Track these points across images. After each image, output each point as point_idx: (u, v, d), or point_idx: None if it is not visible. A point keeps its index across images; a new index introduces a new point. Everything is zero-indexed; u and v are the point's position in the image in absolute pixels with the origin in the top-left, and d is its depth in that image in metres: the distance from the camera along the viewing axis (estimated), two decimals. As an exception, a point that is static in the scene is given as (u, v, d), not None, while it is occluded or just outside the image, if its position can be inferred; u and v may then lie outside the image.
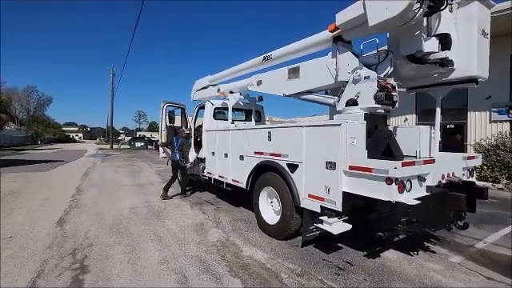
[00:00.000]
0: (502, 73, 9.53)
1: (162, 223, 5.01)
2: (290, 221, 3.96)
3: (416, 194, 2.96)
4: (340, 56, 4.36)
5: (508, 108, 9.32)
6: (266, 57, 6.04)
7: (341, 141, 3.18)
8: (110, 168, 13.55)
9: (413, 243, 4.02)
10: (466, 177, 3.88)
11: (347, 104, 4.21)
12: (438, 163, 3.31)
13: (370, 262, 3.52)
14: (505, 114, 9.41)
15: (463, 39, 3.66)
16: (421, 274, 3.21)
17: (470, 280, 3.09)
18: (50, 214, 5.53)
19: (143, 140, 34.68)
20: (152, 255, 3.67)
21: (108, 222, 5.03)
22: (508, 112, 9.32)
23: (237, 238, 4.33)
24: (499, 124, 9.57)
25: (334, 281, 3.04)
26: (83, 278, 3.08)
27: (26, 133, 45.60)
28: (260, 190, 4.64)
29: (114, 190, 8.07)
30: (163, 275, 3.15)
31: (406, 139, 4.53)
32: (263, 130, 4.57)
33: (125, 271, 3.23)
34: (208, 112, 7.29)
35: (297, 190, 3.81)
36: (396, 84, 4.12)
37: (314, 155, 3.54)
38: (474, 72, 3.66)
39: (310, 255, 3.69)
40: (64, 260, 3.51)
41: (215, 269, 3.31)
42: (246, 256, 3.67)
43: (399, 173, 2.67)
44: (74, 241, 4.15)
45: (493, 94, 9.72)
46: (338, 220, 3.30)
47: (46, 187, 8.30)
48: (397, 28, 3.82)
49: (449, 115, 11.20)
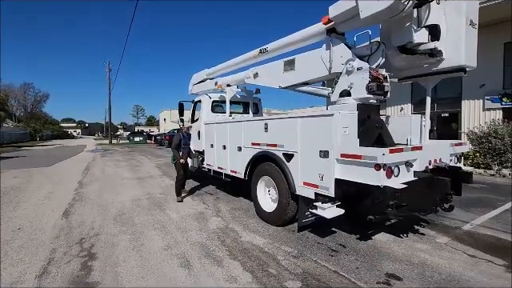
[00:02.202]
0: (496, 61, 9.68)
1: (163, 213, 5.20)
2: (286, 208, 4.15)
3: (404, 179, 3.14)
4: (334, 48, 4.46)
5: (501, 96, 9.49)
6: (262, 49, 6.13)
7: (333, 130, 3.34)
8: (110, 162, 13.69)
9: (403, 227, 4.23)
10: (454, 162, 4.06)
11: (341, 95, 4.34)
12: (425, 150, 3.48)
13: (361, 244, 3.72)
14: (498, 102, 9.59)
15: (452, 30, 3.78)
16: (408, 253, 3.42)
17: (454, 258, 3.30)
18: (54, 206, 5.71)
19: (142, 134, 34.72)
20: (156, 242, 3.86)
21: (112, 213, 5.21)
22: (501, 100, 9.49)
23: (236, 225, 4.53)
24: (492, 112, 9.75)
25: (327, 261, 3.25)
26: (91, 264, 3.27)
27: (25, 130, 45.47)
28: (258, 179, 4.82)
29: (115, 183, 8.24)
30: (167, 260, 3.34)
31: (398, 128, 4.70)
32: (260, 122, 4.71)
33: (131, 257, 3.43)
34: (206, 105, 7.41)
35: (292, 178, 3.99)
36: (388, 74, 4.25)
37: (309, 145, 3.71)
38: (462, 61, 3.80)
39: (306, 239, 3.90)
40: (72, 248, 3.70)
41: (216, 253, 3.51)
42: (245, 241, 3.87)
43: (387, 159, 2.84)
44: (80, 231, 4.33)
45: (487, 82, 9.88)
46: (331, 205, 3.48)
47: (49, 182, 8.46)
48: (388, 20, 3.94)
49: (444, 104, 11.39)
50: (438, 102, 11.54)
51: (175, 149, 6.15)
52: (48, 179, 8.97)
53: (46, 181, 8.68)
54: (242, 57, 6.79)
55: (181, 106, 7.97)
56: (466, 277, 2.89)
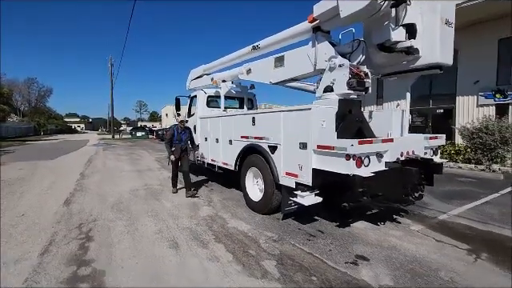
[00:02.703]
0: (490, 57, 9.77)
1: (159, 202, 5.51)
2: (271, 197, 4.42)
3: (374, 169, 3.38)
4: (318, 45, 4.67)
5: (494, 92, 9.60)
6: (254, 46, 6.34)
7: (311, 123, 3.58)
8: (111, 156, 14.05)
9: (383, 216, 4.49)
10: (430, 155, 4.28)
11: (325, 90, 4.57)
12: (397, 142, 3.71)
13: (339, 230, 3.99)
14: (491, 98, 9.70)
15: (427, 29, 3.97)
16: (381, 238, 3.68)
17: (422, 243, 3.55)
18: (56, 196, 6.04)
19: (144, 130, 35.17)
20: (148, 227, 4.16)
21: (110, 202, 5.53)
22: (494, 96, 9.61)
23: (225, 213, 4.81)
24: (486, 108, 9.87)
25: (304, 244, 3.52)
26: (88, 244, 3.58)
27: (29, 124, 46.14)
28: (246, 170, 5.09)
29: (115, 175, 8.57)
30: (157, 242, 3.64)
31: (380, 122, 4.90)
32: (248, 116, 4.96)
33: (124, 240, 3.73)
34: (201, 100, 7.66)
35: (276, 168, 4.25)
36: (369, 71, 4.47)
37: (290, 137, 3.95)
38: (437, 59, 3.99)
39: (288, 226, 4.17)
40: (71, 232, 4.01)
41: (203, 237, 3.80)
42: (231, 227, 4.16)
43: (355, 150, 3.09)
44: (79, 217, 4.65)
45: (481, 78, 9.99)
46: (309, 194, 3.74)
47: (52, 174, 8.81)
48: (367, 19, 4.15)
49: (439, 100, 11.52)
50: (434, 98, 11.66)
51: (167, 143, 5.96)
52: (51, 171, 9.32)
53: (50, 173, 9.04)
54: (236, 53, 7.01)
55: (177, 100, 8.23)
56: (429, 259, 3.14)
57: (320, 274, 2.85)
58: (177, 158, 5.93)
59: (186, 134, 6.06)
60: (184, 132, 6.02)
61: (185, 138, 6.01)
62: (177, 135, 5.91)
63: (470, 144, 9.00)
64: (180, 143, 5.94)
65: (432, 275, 2.80)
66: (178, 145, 5.91)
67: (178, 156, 5.92)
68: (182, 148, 5.96)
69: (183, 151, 6.01)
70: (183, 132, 6.01)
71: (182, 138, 5.97)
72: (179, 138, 5.94)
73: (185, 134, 6.03)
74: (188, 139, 6.12)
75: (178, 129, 5.96)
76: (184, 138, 6.00)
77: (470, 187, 6.58)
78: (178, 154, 5.91)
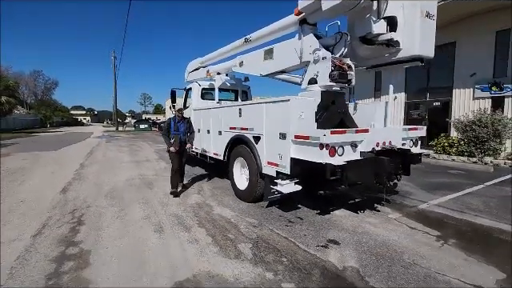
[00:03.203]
0: (488, 49, 9.68)
1: (151, 191, 5.73)
2: (255, 185, 4.59)
3: (349, 158, 3.51)
4: (304, 38, 4.77)
5: (491, 85, 9.54)
6: (246, 38, 6.44)
7: (290, 115, 3.72)
8: (113, 148, 14.35)
9: (364, 205, 4.64)
10: (409, 146, 4.39)
11: (309, 82, 4.68)
12: (372, 132, 3.83)
13: (318, 217, 4.15)
14: (487, 91, 9.65)
15: (408, 21, 4.03)
16: (356, 225, 3.84)
17: (395, 229, 3.70)
18: (55, 184, 6.30)
19: (147, 122, 35.58)
20: (137, 213, 4.38)
21: (105, 191, 5.76)
22: (490, 89, 9.55)
23: (212, 201, 5.01)
24: (482, 101, 9.83)
25: (281, 230, 3.70)
26: (79, 228, 3.81)
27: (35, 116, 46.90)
28: (234, 160, 5.25)
29: (114, 165, 8.83)
30: (144, 226, 3.85)
31: (364, 114, 5.02)
32: (235, 108, 5.10)
33: (113, 224, 3.95)
34: (195, 92, 7.79)
35: (260, 158, 4.40)
36: (352, 64, 4.55)
37: (272, 128, 4.10)
38: (416, 51, 4.06)
39: (270, 213, 4.35)
40: (65, 217, 4.25)
41: (187, 222, 4.00)
42: (216, 214, 4.35)
43: (328, 139, 3.22)
44: (74, 203, 4.89)
45: (478, 70, 9.92)
46: (289, 182, 3.90)
47: (54, 164, 9.11)
48: (350, 11, 4.21)
49: (436, 93, 11.48)
50: (431, 91, 11.62)
51: (165, 135, 5.51)
52: (53, 161, 9.63)
53: (51, 163, 9.34)
54: (230, 46, 7.11)
55: (173, 93, 8.38)
56: (398, 243, 3.30)
57: (290, 255, 3.03)
58: (177, 149, 5.36)
59: (184, 125, 5.54)
60: (182, 122, 5.53)
61: (183, 128, 5.51)
62: (174, 125, 5.45)
63: (463, 137, 9.02)
64: (178, 133, 5.45)
65: (395, 258, 2.96)
66: (177, 135, 5.42)
67: (178, 147, 5.36)
68: (182, 139, 5.47)
69: (182, 143, 5.47)
70: (181, 122, 5.52)
71: (179, 128, 5.47)
72: (176, 128, 5.45)
73: (183, 124, 5.52)
74: (186, 130, 5.58)
75: (176, 118, 5.52)
76: (182, 128, 5.50)
77: (458, 179, 6.67)
78: (177, 145, 5.36)
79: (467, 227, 3.82)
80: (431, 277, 2.62)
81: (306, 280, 2.58)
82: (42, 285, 2.51)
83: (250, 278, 2.62)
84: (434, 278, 2.59)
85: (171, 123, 5.49)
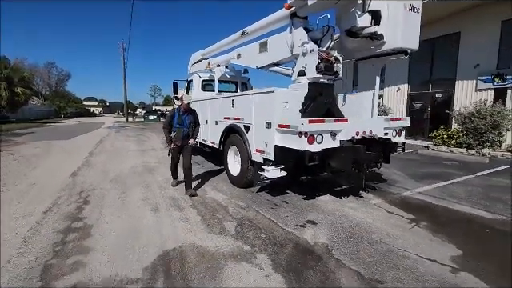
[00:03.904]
0: (492, 40, 9.54)
1: (152, 176, 6.13)
2: (246, 171, 4.90)
3: (328, 146, 3.76)
4: (294, 31, 4.95)
5: (494, 76, 9.44)
6: (243, 31, 6.65)
7: (275, 105, 3.98)
8: (121, 137, 14.92)
9: (349, 192, 4.88)
10: (392, 136, 4.58)
11: (298, 74, 4.89)
12: (352, 122, 4.05)
13: (303, 202, 4.44)
14: (490, 83, 9.56)
15: (391, 15, 4.17)
16: (337, 208, 4.11)
17: (372, 213, 3.96)
18: (65, 170, 6.79)
19: (156, 113, 36.29)
20: (137, 195, 4.78)
21: (110, 176, 6.20)
22: (493, 80, 9.45)
23: (207, 186, 5.37)
24: (484, 92, 9.74)
25: (266, 212, 4.01)
26: (84, 206, 4.23)
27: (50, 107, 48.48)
28: (228, 148, 5.57)
29: (121, 154, 9.31)
30: (141, 206, 4.24)
31: (352, 105, 5.21)
32: (229, 99, 5.38)
33: (114, 203, 4.36)
34: (196, 84, 8.10)
35: (249, 146, 4.70)
36: (340, 56, 4.73)
37: (259, 117, 4.37)
38: (399, 44, 4.22)
39: (259, 197, 4.66)
40: (72, 197, 4.69)
41: (181, 204, 4.37)
42: (209, 197, 4.70)
43: (306, 128, 3.48)
44: (81, 186, 5.33)
45: (481, 62, 9.80)
46: (274, 168, 4.19)
47: (64, 152, 9.67)
48: (336, 5, 4.39)
49: (439, 85, 11.40)
50: (434, 83, 11.53)
51: (166, 128, 4.89)
52: (64, 150, 10.20)
53: (62, 151, 9.91)
54: (229, 38, 7.34)
55: (175, 84, 8.71)
56: (371, 225, 3.56)
57: (269, 232, 3.35)
58: (178, 145, 4.89)
59: (190, 117, 4.88)
60: (187, 114, 4.86)
61: (188, 121, 4.83)
62: (177, 118, 4.81)
63: (462, 128, 9.04)
64: (182, 127, 4.82)
65: (365, 236, 3.23)
66: (180, 129, 4.81)
67: (179, 143, 4.86)
68: (185, 134, 4.83)
69: (185, 138, 4.87)
70: (186, 114, 4.84)
71: (184, 121, 4.81)
72: (180, 120, 4.81)
73: (188, 116, 4.86)
74: (192, 124, 4.90)
75: (180, 110, 4.83)
76: (187, 121, 4.83)
77: (450, 169, 6.80)
78: (179, 141, 4.85)
79: (442, 212, 4.03)
80: (392, 252, 2.89)
81: (279, 252, 2.89)
82: (49, 251, 2.91)
83: (229, 248, 2.95)
84: (394, 253, 2.86)
85: (174, 115, 4.85)
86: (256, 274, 2.51)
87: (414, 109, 12.19)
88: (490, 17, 9.52)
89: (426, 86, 11.71)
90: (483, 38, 9.75)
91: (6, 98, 25.91)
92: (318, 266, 2.64)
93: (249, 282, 2.39)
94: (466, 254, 2.86)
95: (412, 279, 2.43)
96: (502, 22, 9.27)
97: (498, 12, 9.33)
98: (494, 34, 9.48)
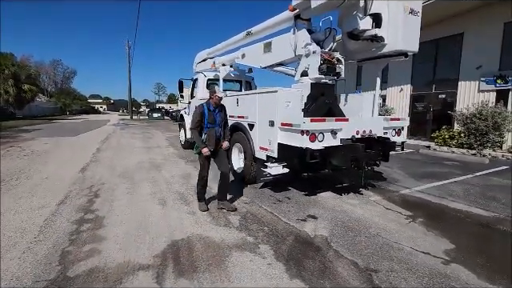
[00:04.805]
0: (494, 41, 9.59)
1: (158, 172, 6.33)
2: (249, 168, 5.08)
3: (329, 144, 3.92)
4: (298, 33, 5.12)
5: (496, 77, 9.50)
6: (248, 32, 6.82)
7: (278, 104, 4.14)
8: (127, 135, 15.18)
9: (350, 189, 5.03)
10: (391, 135, 4.72)
11: (302, 75, 5.06)
12: (352, 121, 4.20)
13: (304, 198, 4.60)
14: (492, 84, 9.61)
15: (392, 18, 4.31)
16: (337, 204, 4.27)
17: (371, 209, 4.11)
18: (74, 165, 7.02)
19: (160, 111, 36.66)
20: (145, 190, 4.98)
21: (118, 171, 6.42)
22: (495, 81, 9.51)
23: (212, 182, 5.48)
24: (486, 93, 9.81)
25: (269, 206, 4.18)
26: (95, 200, 4.44)
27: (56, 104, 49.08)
28: (233, 146, 5.74)
29: (127, 150, 9.53)
30: (150, 200, 4.44)
31: (354, 105, 5.36)
32: (234, 98, 5.55)
33: (124, 197, 4.56)
34: (201, 83, 8.29)
35: (253, 143, 4.87)
36: (342, 57, 4.88)
37: (263, 116, 4.54)
38: (399, 46, 4.36)
39: (262, 193, 4.84)
40: (83, 191, 4.90)
41: (188, 198, 4.56)
42: (214, 192, 4.85)
43: (307, 126, 3.64)
44: (91, 181, 5.55)
45: (484, 63, 9.86)
46: (277, 165, 4.36)
47: (73, 148, 9.93)
48: (338, 8, 4.54)
49: (442, 85, 11.46)
50: (437, 84, 11.60)
51: (193, 129, 3.83)
52: (72, 146, 10.46)
53: (71, 147, 10.17)
54: (233, 38, 7.52)
55: (180, 83, 8.90)
56: (369, 220, 3.71)
57: (272, 226, 3.52)
58: (211, 151, 3.88)
59: (221, 114, 3.95)
60: (218, 111, 3.90)
61: (219, 119, 3.90)
62: (208, 115, 3.79)
63: (464, 129, 9.12)
64: (214, 126, 3.86)
65: (362, 230, 3.39)
66: (212, 129, 3.85)
67: (212, 148, 3.88)
68: (217, 134, 3.91)
69: (218, 140, 3.95)
70: (217, 111, 3.88)
71: (215, 118, 3.85)
72: (211, 119, 3.81)
73: (219, 113, 3.91)
74: (223, 121, 4.01)
75: (210, 105, 3.84)
76: (218, 119, 3.88)
77: (450, 169, 6.91)
78: (212, 144, 3.87)
79: (439, 210, 4.17)
80: (388, 245, 3.05)
81: (280, 243, 3.06)
82: (65, 239, 3.11)
83: (233, 239, 3.13)
84: (389, 246, 3.02)
85: (204, 111, 3.79)
86: (259, 262, 2.69)
87: (416, 109, 12.27)
88: (493, 18, 9.57)
89: (429, 86, 11.78)
90: (486, 40, 9.80)
91: (14, 95, 26.34)
92: (317, 256, 2.80)
93: (252, 269, 2.57)
94: (458, 248, 3.01)
95: (405, 269, 2.59)
96: (505, 23, 9.32)
97: (501, 14, 9.38)
98: (496, 35, 9.53)
